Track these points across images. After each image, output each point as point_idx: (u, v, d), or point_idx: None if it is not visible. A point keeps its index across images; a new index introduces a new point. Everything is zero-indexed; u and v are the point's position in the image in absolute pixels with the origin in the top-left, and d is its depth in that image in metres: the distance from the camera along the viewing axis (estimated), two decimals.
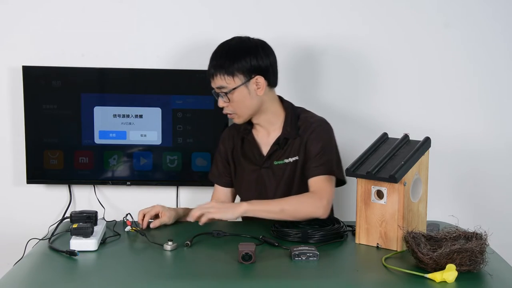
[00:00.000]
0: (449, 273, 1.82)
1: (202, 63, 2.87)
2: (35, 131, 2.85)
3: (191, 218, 2.26)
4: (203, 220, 2.24)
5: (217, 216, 2.25)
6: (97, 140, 2.86)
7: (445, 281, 1.82)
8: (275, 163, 2.45)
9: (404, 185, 2.08)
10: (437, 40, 2.92)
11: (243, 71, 2.36)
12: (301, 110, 2.50)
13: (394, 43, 2.92)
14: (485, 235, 1.95)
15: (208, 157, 2.88)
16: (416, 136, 2.24)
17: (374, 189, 2.12)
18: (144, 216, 2.36)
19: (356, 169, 2.15)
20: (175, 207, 2.73)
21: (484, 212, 2.99)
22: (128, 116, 2.85)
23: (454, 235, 2.01)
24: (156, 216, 2.38)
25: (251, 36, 2.44)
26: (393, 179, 2.04)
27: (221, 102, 2.41)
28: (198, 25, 2.90)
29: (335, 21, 2.90)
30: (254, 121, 2.47)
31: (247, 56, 2.36)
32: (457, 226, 2.07)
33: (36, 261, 2.04)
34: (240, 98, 2.38)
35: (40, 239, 2.23)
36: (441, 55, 2.93)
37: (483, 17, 2.91)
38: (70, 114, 2.85)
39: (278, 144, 2.44)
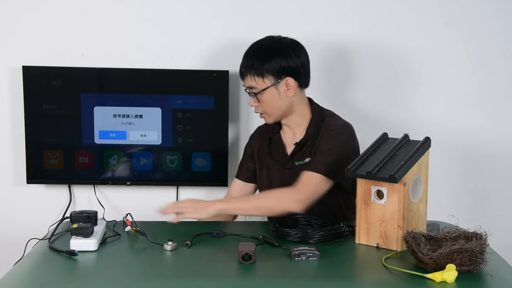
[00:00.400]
0: (449, 273, 1.82)
1: (202, 63, 2.88)
2: (35, 131, 2.85)
3: (162, 212, 2.22)
4: (177, 219, 2.22)
5: (191, 216, 2.23)
6: (97, 140, 2.86)
7: (445, 281, 1.82)
8: (296, 163, 2.45)
9: (404, 185, 2.08)
10: (437, 39, 2.91)
11: (273, 72, 2.36)
12: (328, 114, 2.49)
13: (390, 42, 2.92)
14: (485, 235, 1.95)
15: (208, 157, 2.88)
16: (416, 136, 2.24)
17: (374, 189, 2.12)
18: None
19: (356, 169, 2.15)
20: None
21: (484, 212, 2.99)
22: (128, 116, 2.85)
23: (454, 235, 2.01)
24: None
25: (282, 35, 2.43)
26: (393, 179, 2.04)
27: (251, 102, 2.42)
28: (198, 25, 2.90)
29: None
30: (283, 121, 2.48)
31: (277, 57, 2.36)
32: (457, 226, 2.07)
33: (36, 261, 2.04)
34: (269, 98, 2.38)
35: (40, 239, 2.23)
36: (441, 55, 2.93)
37: (483, 17, 2.91)
38: (70, 114, 2.85)
39: (299, 145, 2.44)
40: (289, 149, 2.50)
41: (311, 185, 2.32)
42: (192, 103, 2.85)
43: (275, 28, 2.87)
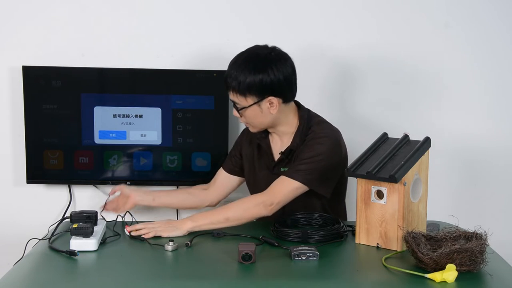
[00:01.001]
0: (449, 273, 1.82)
1: (202, 63, 2.88)
2: (35, 131, 2.84)
3: (134, 231, 2.23)
4: (148, 236, 2.21)
5: (165, 234, 2.23)
6: (97, 140, 2.86)
7: (445, 281, 1.82)
8: (282, 169, 2.45)
9: (404, 185, 2.08)
10: (437, 40, 2.91)
11: (254, 91, 2.32)
12: (316, 122, 2.46)
13: (391, 45, 2.92)
14: (485, 235, 1.95)
15: (208, 157, 2.88)
16: (416, 136, 2.24)
17: (374, 189, 2.12)
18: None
19: (356, 169, 2.15)
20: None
21: (484, 212, 2.99)
22: (128, 116, 2.85)
23: (454, 235, 2.01)
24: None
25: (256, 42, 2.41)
26: (393, 179, 2.04)
27: (235, 113, 2.42)
28: (198, 25, 2.90)
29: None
30: (269, 129, 2.48)
31: (258, 75, 2.30)
32: (457, 226, 2.07)
33: (36, 261, 2.04)
34: (252, 115, 2.37)
35: (40, 239, 2.23)
36: (442, 54, 2.93)
37: (487, 16, 2.90)
38: (70, 114, 2.84)
39: (284, 154, 2.44)
40: (276, 155, 2.50)
41: (282, 190, 2.33)
42: (192, 103, 2.85)
43: (275, 28, 2.89)
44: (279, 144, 2.50)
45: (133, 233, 2.23)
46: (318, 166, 2.34)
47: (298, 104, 2.49)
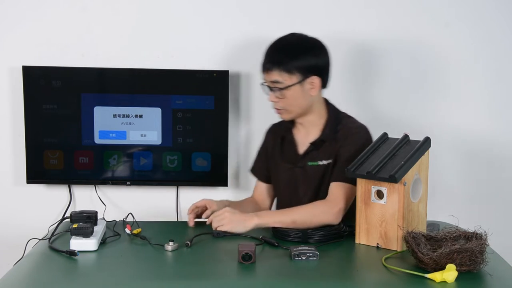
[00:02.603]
0: (449, 273, 1.82)
1: (202, 63, 2.88)
2: (35, 131, 2.85)
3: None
4: (216, 227, 2.25)
5: (228, 229, 2.23)
6: (97, 140, 2.86)
7: (445, 281, 1.82)
8: (309, 163, 2.43)
9: (404, 185, 2.08)
10: (438, 38, 2.91)
11: (301, 70, 2.34)
12: (344, 116, 2.48)
13: (393, 40, 2.92)
14: (485, 235, 1.95)
15: (208, 157, 2.88)
16: (416, 136, 2.24)
17: (374, 189, 2.12)
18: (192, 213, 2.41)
19: (356, 169, 2.15)
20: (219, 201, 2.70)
21: (484, 212, 2.99)
22: (128, 116, 2.85)
23: (454, 235, 2.01)
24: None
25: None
26: (393, 179, 2.05)
27: (272, 97, 2.39)
28: (198, 25, 2.90)
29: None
30: (298, 120, 2.46)
31: (307, 55, 2.35)
32: (457, 226, 2.07)
33: (36, 261, 2.04)
34: (293, 95, 2.36)
35: (40, 239, 2.23)
36: (442, 54, 2.93)
37: (489, 14, 2.90)
38: (70, 114, 2.85)
39: (314, 145, 2.43)
40: (302, 147, 2.48)
41: (343, 195, 2.30)
42: (192, 103, 2.85)
43: (275, 29, 2.88)
44: (304, 136, 2.48)
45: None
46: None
47: (325, 99, 2.49)
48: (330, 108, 2.47)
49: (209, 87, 2.84)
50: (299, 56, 2.34)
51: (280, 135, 2.54)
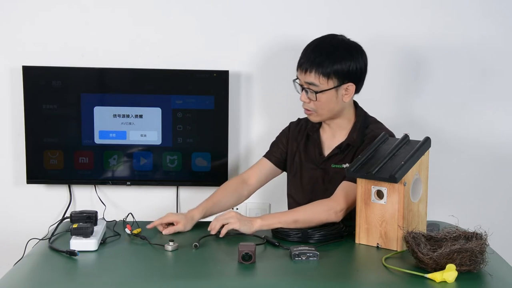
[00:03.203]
0: (449, 273, 1.82)
1: (202, 63, 2.88)
2: (35, 131, 2.85)
3: (213, 231, 2.22)
4: (223, 232, 2.20)
5: (236, 226, 2.20)
6: (97, 140, 2.86)
7: (445, 281, 1.82)
8: (333, 166, 2.42)
9: (404, 185, 2.08)
10: (438, 40, 2.91)
11: (339, 75, 2.31)
12: (373, 120, 2.46)
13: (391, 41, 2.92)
14: (485, 235, 1.95)
15: (208, 157, 2.88)
16: (416, 136, 2.24)
17: (374, 189, 2.12)
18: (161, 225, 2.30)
19: (356, 169, 2.15)
20: (178, 210, 2.66)
21: (484, 212, 2.99)
22: (128, 116, 2.85)
23: (454, 235, 2.01)
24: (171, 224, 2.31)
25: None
26: (393, 179, 2.04)
27: (304, 97, 2.36)
28: (198, 25, 2.90)
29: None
30: (327, 122, 2.45)
31: (348, 61, 2.31)
32: (457, 226, 2.07)
33: (36, 261, 2.04)
34: (326, 100, 2.34)
35: (40, 239, 2.23)
36: (443, 54, 2.93)
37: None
38: (70, 114, 2.85)
39: (340, 149, 2.41)
40: (327, 149, 2.46)
41: (350, 195, 2.28)
42: (192, 103, 2.85)
43: (275, 29, 2.88)
44: (330, 138, 2.46)
45: (210, 231, 2.22)
46: None
47: (355, 102, 2.47)
48: (359, 112, 2.45)
49: (209, 87, 2.84)
50: (341, 61, 2.31)
51: (306, 132, 2.51)
